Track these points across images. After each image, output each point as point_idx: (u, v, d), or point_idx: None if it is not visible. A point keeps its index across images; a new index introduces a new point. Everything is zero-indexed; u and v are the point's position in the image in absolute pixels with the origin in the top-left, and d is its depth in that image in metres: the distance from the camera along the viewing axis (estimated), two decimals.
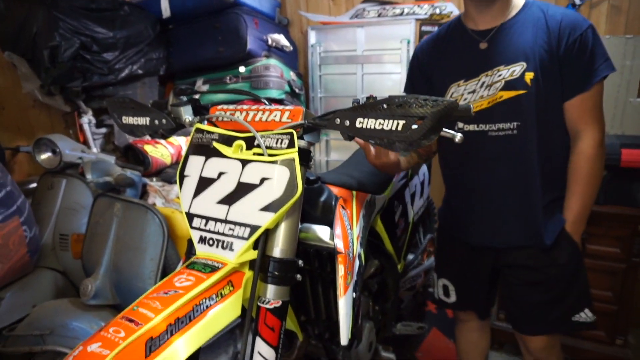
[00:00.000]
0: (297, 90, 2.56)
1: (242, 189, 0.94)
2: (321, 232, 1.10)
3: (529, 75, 1.19)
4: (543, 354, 1.38)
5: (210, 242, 0.95)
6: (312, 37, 2.69)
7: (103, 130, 2.41)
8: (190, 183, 1.00)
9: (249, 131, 0.98)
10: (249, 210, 0.92)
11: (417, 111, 0.79)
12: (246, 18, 2.34)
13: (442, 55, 1.34)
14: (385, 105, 0.82)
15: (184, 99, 1.16)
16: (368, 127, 0.84)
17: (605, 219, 1.96)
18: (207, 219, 0.96)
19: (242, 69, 2.42)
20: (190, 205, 0.99)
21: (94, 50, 2.13)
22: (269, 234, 0.94)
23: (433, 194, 2.12)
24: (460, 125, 1.30)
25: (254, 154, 0.96)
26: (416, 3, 2.42)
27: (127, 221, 1.63)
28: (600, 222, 1.96)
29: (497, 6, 1.23)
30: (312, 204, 1.17)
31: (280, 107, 1.00)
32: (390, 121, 0.81)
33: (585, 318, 1.32)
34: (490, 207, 1.33)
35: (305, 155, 0.96)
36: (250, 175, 0.94)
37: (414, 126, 0.79)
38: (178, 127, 1.13)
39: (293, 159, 0.92)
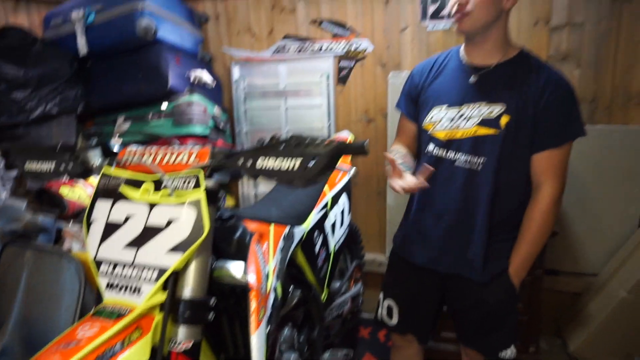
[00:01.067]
0: (221, 126, 2.59)
1: (150, 232, 0.95)
2: (234, 268, 1.12)
3: (505, 119, 1.28)
4: None
5: (118, 287, 0.95)
6: (236, 73, 2.75)
7: (14, 172, 2.28)
8: (97, 229, 0.99)
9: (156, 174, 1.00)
10: (156, 252, 0.93)
11: (312, 151, 0.85)
12: (167, 55, 2.36)
13: (434, 78, 1.43)
14: (284, 146, 0.88)
15: (93, 141, 1.16)
16: (268, 166, 0.90)
17: None
18: (115, 264, 0.95)
19: (164, 105, 2.41)
20: (97, 252, 0.98)
21: (1, 90, 2.04)
22: (178, 274, 0.96)
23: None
24: (431, 147, 1.39)
25: (162, 196, 0.98)
26: (334, 40, 2.56)
27: (38, 270, 1.55)
28: None
29: (489, 46, 1.31)
30: (226, 241, 1.20)
31: (188, 148, 1.03)
32: (288, 160, 0.87)
33: (510, 355, 1.41)
34: (440, 232, 1.41)
35: (213, 195, 0.99)
36: (157, 217, 0.95)
37: (310, 164, 0.85)
38: (86, 171, 1.12)
39: (199, 200, 0.94)
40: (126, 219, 0.97)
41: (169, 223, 0.94)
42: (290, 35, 2.64)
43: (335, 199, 1.87)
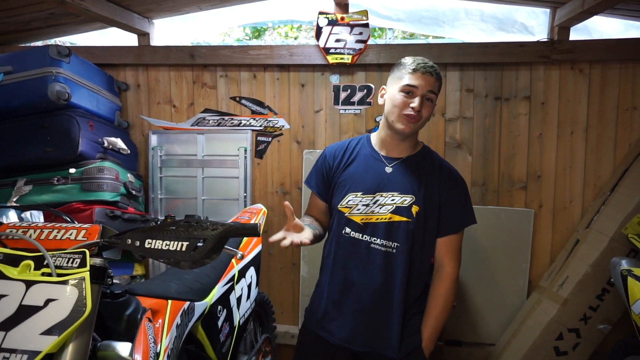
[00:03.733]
0: (134, 192, 2.53)
1: (24, 312, 0.90)
2: (121, 349, 1.07)
3: (415, 208, 1.43)
4: None
5: None
6: (153, 141, 2.75)
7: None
8: None
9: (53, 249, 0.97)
10: (29, 334, 0.88)
11: (200, 234, 0.89)
12: (79, 120, 2.32)
13: (348, 164, 1.53)
14: (172, 228, 0.91)
15: None
16: (156, 247, 0.91)
17: None
18: None
19: (72, 170, 2.33)
20: None
21: None
22: (53, 357, 0.90)
23: None
24: (348, 230, 1.47)
25: (43, 274, 0.95)
26: (252, 116, 2.68)
27: None
28: None
29: (407, 142, 1.48)
30: (116, 319, 1.15)
31: (77, 225, 1.02)
32: (176, 242, 0.90)
33: None
34: (356, 310, 1.47)
35: (100, 273, 0.98)
36: (34, 297, 0.91)
37: (197, 247, 0.89)
38: None
39: (83, 279, 0.93)
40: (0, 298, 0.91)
41: (47, 302, 0.90)
42: (210, 109, 2.72)
43: (242, 272, 1.88)
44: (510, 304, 2.61)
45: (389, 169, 1.47)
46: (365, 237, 1.45)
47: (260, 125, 2.68)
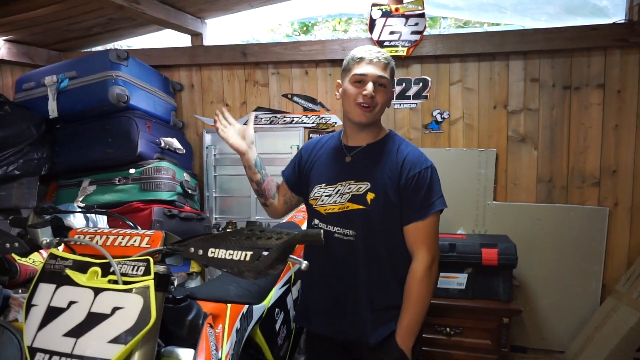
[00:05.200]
0: (190, 191, 2.57)
1: (93, 320, 0.90)
2: (184, 355, 1.06)
3: (370, 196, 1.38)
4: None
5: None
6: (208, 140, 2.78)
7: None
8: (37, 313, 0.94)
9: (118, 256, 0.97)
10: (97, 342, 0.88)
11: (264, 243, 0.85)
12: (138, 121, 2.38)
13: (318, 159, 1.53)
14: (235, 237, 0.88)
15: (46, 218, 1.13)
16: (219, 256, 0.88)
17: (475, 312, 2.13)
18: (51, 353, 0.89)
19: (132, 170, 2.40)
20: (33, 339, 0.92)
21: None
22: None
23: None
24: (316, 221, 1.48)
25: (110, 281, 0.94)
26: (304, 113, 2.65)
27: None
28: (471, 315, 2.13)
29: (367, 131, 1.44)
30: (178, 325, 1.14)
31: (141, 232, 1.02)
32: (239, 252, 0.87)
33: None
34: (331, 302, 1.46)
35: (164, 281, 0.97)
36: (102, 304, 0.91)
37: (261, 257, 0.85)
38: (34, 249, 1.08)
39: (148, 287, 0.91)
40: (69, 305, 0.92)
41: (114, 310, 0.89)
42: (262, 107, 2.71)
43: (298, 273, 1.85)
44: (582, 309, 2.43)
45: (348, 158, 1.45)
46: (330, 227, 1.44)
47: (313, 122, 2.64)
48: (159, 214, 2.38)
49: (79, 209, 2.27)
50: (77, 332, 0.90)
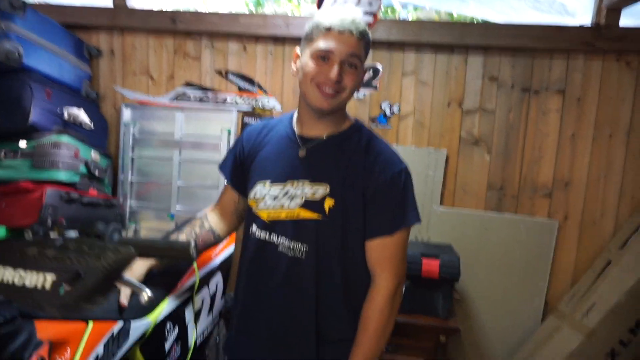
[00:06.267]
0: (97, 173, 2.20)
1: None
2: None
3: (329, 202, 1.09)
4: None
5: None
6: (126, 115, 2.41)
7: None
8: None
9: None
10: None
11: (75, 264, 0.55)
12: (33, 86, 1.98)
13: (262, 148, 1.21)
14: (35, 248, 0.57)
15: None
16: (7, 280, 0.57)
17: (412, 330, 1.91)
18: None
19: (22, 143, 2.00)
20: None
21: None
22: None
23: None
24: (254, 228, 1.17)
25: None
26: (239, 94, 2.33)
27: None
28: (407, 333, 1.91)
29: (327, 120, 1.14)
30: None
31: None
32: (36, 274, 0.56)
33: None
34: (266, 331, 1.17)
35: None
36: None
37: (66, 287, 0.55)
38: None
39: None
40: None
41: None
42: (192, 82, 2.37)
43: (204, 280, 1.54)
44: (522, 327, 2.28)
45: (302, 152, 1.15)
46: (272, 238, 1.14)
47: (248, 105, 2.33)
48: (53, 197, 1.99)
49: None
50: None
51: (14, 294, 0.56)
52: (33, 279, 0.55)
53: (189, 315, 1.45)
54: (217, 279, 1.63)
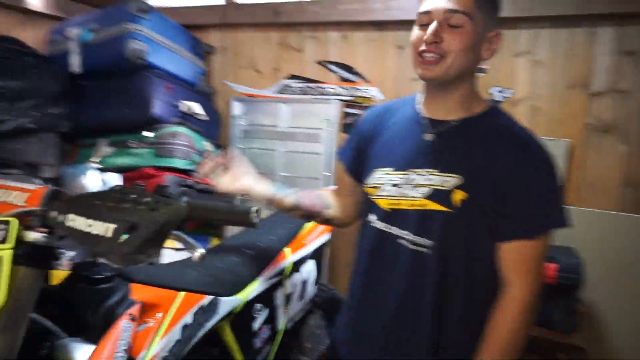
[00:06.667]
0: None
1: None
2: (78, 353, 0.82)
3: (461, 195, 0.97)
4: None
5: None
6: (235, 109, 2.56)
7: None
8: None
9: None
10: None
11: (132, 214, 0.57)
12: (157, 81, 2.20)
13: (384, 131, 1.14)
14: (102, 200, 0.60)
15: None
16: (78, 227, 0.61)
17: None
18: None
19: (147, 134, 2.23)
20: None
21: None
22: None
23: None
24: (373, 218, 1.09)
25: None
26: (340, 84, 2.32)
27: None
28: None
29: (453, 101, 1.03)
30: (93, 311, 0.91)
31: (24, 186, 0.78)
32: (101, 224, 0.59)
33: None
34: (379, 329, 1.09)
35: (40, 253, 0.72)
36: None
37: (125, 235, 0.57)
38: None
39: (1, 258, 0.67)
40: None
41: None
42: (295, 75, 2.42)
43: (296, 265, 1.55)
44: None
45: (429, 137, 1.04)
46: (392, 230, 1.05)
47: (349, 95, 2.31)
48: (171, 183, 2.19)
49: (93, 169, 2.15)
50: None
51: (86, 241, 0.60)
52: (98, 227, 0.59)
53: (279, 298, 1.47)
54: (310, 266, 1.64)
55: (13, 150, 2.15)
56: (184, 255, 0.83)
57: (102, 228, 0.58)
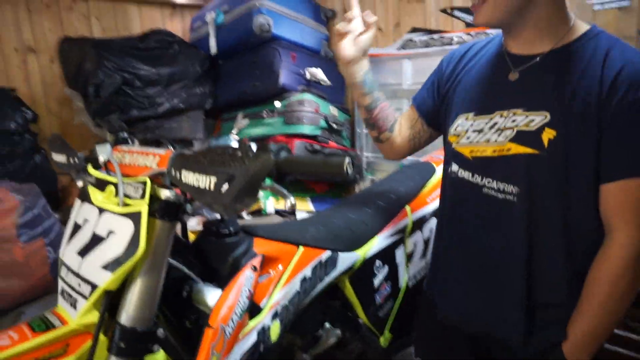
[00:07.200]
0: (335, 126, 2.42)
1: (95, 241, 0.84)
2: (210, 296, 0.94)
3: (549, 134, 0.88)
4: None
5: (65, 295, 0.87)
6: None
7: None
8: (68, 227, 0.93)
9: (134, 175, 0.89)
10: (93, 265, 0.82)
11: (229, 167, 0.61)
12: (282, 52, 2.30)
13: (465, 75, 1.07)
14: (208, 156, 0.67)
15: (117, 136, 1.12)
16: (190, 182, 0.69)
17: None
18: (68, 269, 0.88)
19: (277, 103, 2.37)
20: (62, 252, 0.92)
21: (137, 86, 2.27)
22: (121, 295, 0.83)
23: None
24: (455, 167, 1.05)
25: (114, 202, 0.86)
26: (467, 30, 2.13)
27: None
28: None
29: (531, 33, 0.92)
30: (221, 261, 1.02)
31: (158, 150, 0.89)
32: (204, 177, 0.65)
33: None
34: (466, 282, 1.06)
35: (171, 209, 0.83)
36: (103, 226, 0.84)
37: (225, 186, 0.62)
38: (96, 165, 1.08)
39: (140, 212, 0.79)
40: (84, 222, 0.88)
41: (109, 234, 0.81)
42: (417, 27, 2.30)
43: (418, 224, 1.52)
44: None
45: (514, 75, 0.94)
46: (476, 178, 0.98)
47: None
48: (300, 148, 2.31)
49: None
50: (83, 251, 0.85)
51: (195, 193, 0.68)
52: (203, 181, 0.66)
53: (400, 256, 1.46)
54: (432, 225, 1.58)
55: (169, 129, 2.49)
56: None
57: (206, 181, 0.65)
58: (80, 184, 1.00)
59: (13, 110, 2.15)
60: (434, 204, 1.58)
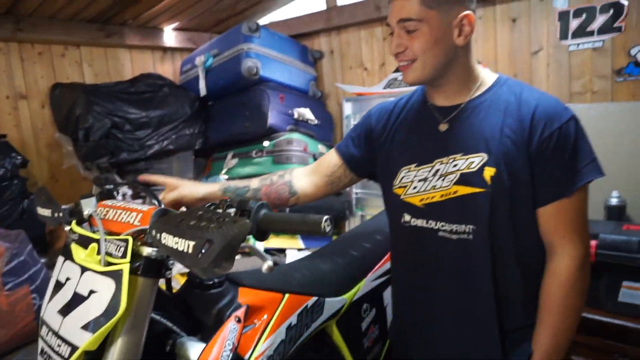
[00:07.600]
0: None
1: (76, 300, 0.84)
2: (193, 350, 0.93)
3: (489, 171, 0.97)
4: None
5: (45, 356, 0.86)
6: (347, 109, 2.59)
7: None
8: (50, 286, 0.93)
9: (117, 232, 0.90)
10: (73, 325, 0.81)
11: (207, 232, 0.63)
12: (270, 93, 2.35)
13: (398, 130, 1.14)
14: (187, 219, 0.68)
15: (103, 189, 1.14)
16: (169, 244, 0.70)
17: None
18: (49, 328, 0.87)
19: (266, 143, 2.41)
20: (43, 311, 0.91)
21: (127, 129, 2.30)
22: (102, 353, 0.82)
23: None
24: (408, 217, 1.09)
25: (96, 261, 0.86)
26: None
27: None
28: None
29: (453, 88, 1.03)
30: (205, 313, 1.02)
31: (140, 207, 0.90)
32: (183, 241, 0.66)
33: None
34: (437, 326, 1.09)
35: (154, 266, 0.84)
36: (84, 285, 0.84)
37: (203, 251, 0.63)
38: (80, 220, 1.09)
39: (121, 272, 0.80)
40: (66, 281, 0.88)
41: (90, 293, 0.81)
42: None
43: None
44: None
45: (444, 126, 1.04)
46: (430, 223, 1.04)
47: None
48: None
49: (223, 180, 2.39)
50: (64, 310, 0.85)
51: (175, 255, 0.69)
52: (182, 244, 0.67)
53: (387, 298, 1.46)
54: None
55: (159, 170, 2.51)
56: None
57: (185, 245, 0.66)
58: (67, 228, 1.00)
59: (2, 156, 2.16)
60: None
